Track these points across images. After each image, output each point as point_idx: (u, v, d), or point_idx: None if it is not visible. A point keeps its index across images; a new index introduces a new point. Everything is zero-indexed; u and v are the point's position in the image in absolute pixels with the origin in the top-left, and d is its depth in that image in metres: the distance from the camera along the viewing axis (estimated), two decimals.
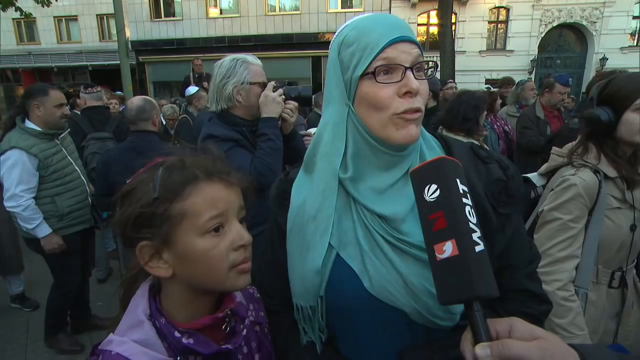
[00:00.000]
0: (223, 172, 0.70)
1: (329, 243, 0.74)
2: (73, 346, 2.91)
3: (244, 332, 0.76)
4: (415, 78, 0.68)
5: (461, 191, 0.54)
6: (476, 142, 2.63)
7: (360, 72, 0.69)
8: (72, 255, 2.74)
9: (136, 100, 2.66)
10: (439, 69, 0.77)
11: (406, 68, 0.68)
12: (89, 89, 3.86)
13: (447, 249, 0.51)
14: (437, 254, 0.52)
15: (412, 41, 0.70)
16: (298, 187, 0.81)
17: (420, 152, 0.77)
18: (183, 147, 0.74)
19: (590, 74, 16.26)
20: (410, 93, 0.68)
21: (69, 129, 2.84)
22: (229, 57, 1.77)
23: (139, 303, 0.69)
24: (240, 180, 0.73)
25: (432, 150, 0.79)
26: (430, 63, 0.74)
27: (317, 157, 0.78)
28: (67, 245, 2.66)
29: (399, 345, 0.73)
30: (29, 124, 2.54)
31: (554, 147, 1.55)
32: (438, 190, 0.54)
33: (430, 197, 0.54)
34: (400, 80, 0.68)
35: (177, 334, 0.66)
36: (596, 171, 1.36)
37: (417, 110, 0.69)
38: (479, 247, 0.51)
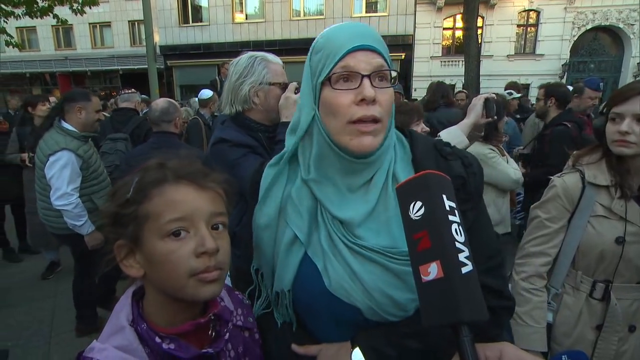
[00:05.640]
0: (196, 175, 0.69)
1: (300, 241, 0.78)
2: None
3: (227, 336, 0.75)
4: (375, 86, 0.70)
5: (447, 208, 0.51)
6: (494, 148, 2.54)
7: (322, 79, 0.72)
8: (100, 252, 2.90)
9: (160, 102, 2.74)
10: (398, 78, 0.84)
11: (363, 76, 0.69)
12: (122, 90, 4.01)
13: (432, 270, 0.48)
14: (422, 276, 0.50)
15: (374, 50, 0.71)
16: (265, 178, 0.84)
17: (392, 158, 0.79)
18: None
19: (627, 78, 15.53)
20: (365, 101, 0.69)
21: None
22: (246, 55, 1.62)
23: (122, 308, 0.69)
24: (219, 184, 0.71)
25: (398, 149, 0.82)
26: (393, 73, 0.74)
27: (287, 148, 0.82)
28: None
29: None
30: (67, 126, 2.67)
31: (574, 152, 1.53)
32: (423, 208, 0.51)
33: (415, 214, 0.51)
34: (357, 88, 0.70)
35: (157, 339, 0.66)
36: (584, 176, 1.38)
37: (374, 119, 0.70)
38: (467, 268, 0.48)
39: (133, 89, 4.04)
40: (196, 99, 5.50)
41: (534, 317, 1.37)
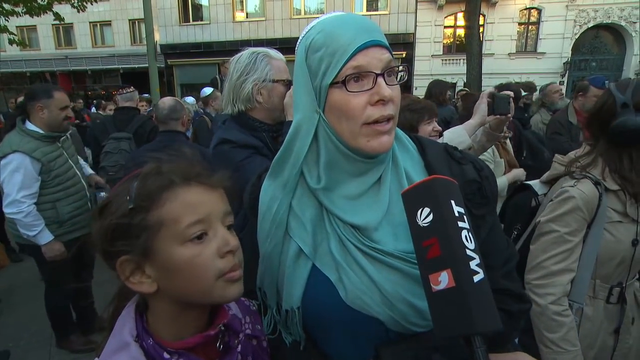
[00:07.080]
0: (202, 175, 0.65)
1: (305, 254, 0.73)
2: (86, 345, 2.89)
3: (239, 348, 0.72)
4: (387, 84, 0.66)
5: (456, 214, 0.49)
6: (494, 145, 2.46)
7: (330, 81, 0.66)
8: (64, 261, 2.57)
9: (168, 101, 2.70)
10: (407, 72, 0.78)
11: (377, 75, 0.65)
12: (121, 89, 3.92)
13: (443, 279, 0.47)
14: (432, 285, 0.48)
15: (382, 45, 0.67)
16: (265, 193, 0.79)
17: (392, 155, 0.75)
18: (159, 154, 0.68)
19: (628, 76, 15.48)
20: (382, 101, 0.65)
21: (71, 131, 2.78)
22: (247, 51, 1.53)
23: (125, 323, 0.64)
24: (223, 181, 0.68)
25: (405, 153, 0.77)
26: (401, 67, 0.70)
27: (289, 164, 0.75)
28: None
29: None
30: (30, 126, 2.42)
31: (556, 155, 1.48)
32: (431, 214, 0.49)
33: (424, 221, 0.50)
34: (372, 88, 0.65)
35: (166, 355, 0.62)
36: (597, 183, 1.31)
37: (389, 118, 0.67)
38: (478, 276, 0.47)
39: (131, 87, 3.99)
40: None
41: (570, 340, 1.28)
